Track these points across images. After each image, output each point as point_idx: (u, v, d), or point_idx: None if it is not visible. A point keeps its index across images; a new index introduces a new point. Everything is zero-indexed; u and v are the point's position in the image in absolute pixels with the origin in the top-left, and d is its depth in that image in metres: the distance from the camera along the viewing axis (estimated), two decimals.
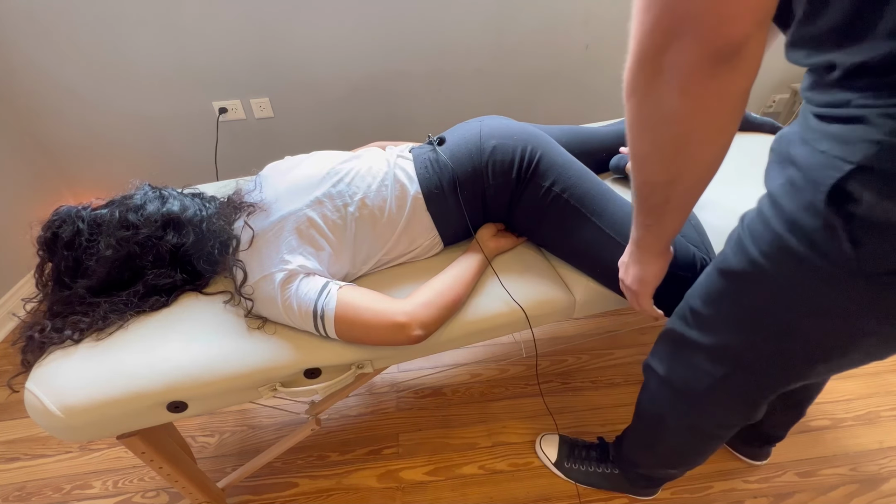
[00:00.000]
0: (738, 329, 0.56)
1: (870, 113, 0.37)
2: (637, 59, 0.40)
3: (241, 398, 0.77)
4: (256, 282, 0.74)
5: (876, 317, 0.45)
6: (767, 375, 0.58)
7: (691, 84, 0.39)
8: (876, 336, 0.47)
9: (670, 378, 0.70)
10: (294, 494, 1.07)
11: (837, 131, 0.40)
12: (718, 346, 0.60)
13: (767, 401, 0.64)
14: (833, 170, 0.39)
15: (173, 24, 1.49)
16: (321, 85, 1.69)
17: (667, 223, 0.54)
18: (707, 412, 0.69)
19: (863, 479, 1.03)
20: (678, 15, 0.36)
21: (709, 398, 0.66)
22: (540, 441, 1.10)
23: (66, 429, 0.69)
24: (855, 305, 0.45)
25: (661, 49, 0.38)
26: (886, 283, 0.41)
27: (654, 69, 0.40)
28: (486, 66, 1.74)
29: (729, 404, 0.66)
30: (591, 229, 0.81)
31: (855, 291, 0.43)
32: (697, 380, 0.64)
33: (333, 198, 0.79)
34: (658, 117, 0.43)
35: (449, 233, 0.89)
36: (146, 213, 0.75)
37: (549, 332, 1.41)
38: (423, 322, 0.73)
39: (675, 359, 0.68)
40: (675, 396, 0.71)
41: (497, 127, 0.86)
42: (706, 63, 0.37)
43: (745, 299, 0.54)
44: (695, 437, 0.76)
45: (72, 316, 0.75)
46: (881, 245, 0.40)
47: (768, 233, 0.48)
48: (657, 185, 0.50)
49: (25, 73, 1.53)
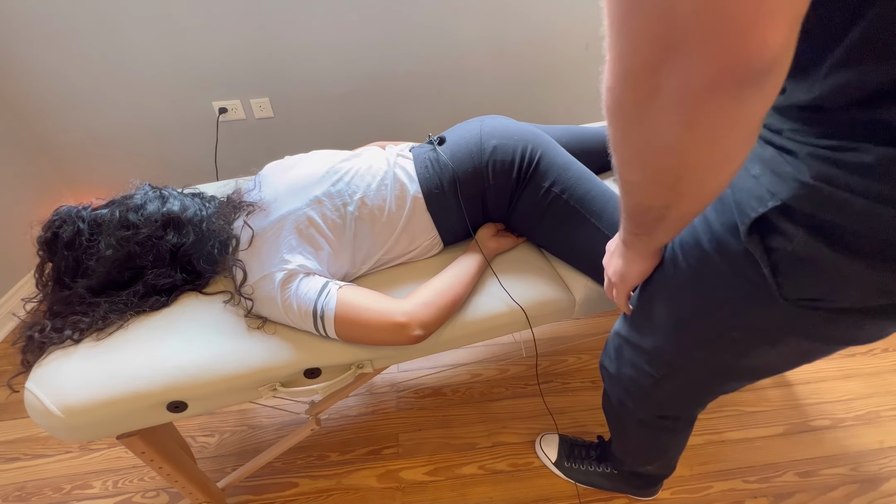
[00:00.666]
0: (672, 335, 0.58)
1: (800, 149, 0.36)
2: (620, 76, 0.30)
3: (241, 398, 0.77)
4: (256, 281, 0.74)
5: (795, 334, 0.46)
6: (701, 379, 0.61)
7: (699, 113, 0.28)
8: (797, 348, 0.49)
9: (620, 377, 0.73)
10: (294, 494, 1.07)
11: (770, 157, 0.39)
12: (655, 349, 0.62)
13: (708, 400, 0.67)
14: (758, 202, 0.39)
15: (173, 25, 1.49)
16: (321, 85, 1.68)
17: (658, 236, 0.47)
18: (651, 408, 0.72)
19: (863, 479, 1.03)
20: (667, 37, 0.26)
21: (650, 395, 0.68)
22: (540, 441, 1.10)
23: (66, 429, 0.69)
24: (775, 324, 0.46)
25: (654, 67, 0.28)
26: (805, 306, 0.42)
27: (647, 90, 0.29)
28: (486, 65, 1.74)
29: (671, 401, 0.69)
30: (591, 230, 0.81)
31: (774, 312, 0.44)
32: (641, 378, 0.67)
33: (333, 197, 0.79)
34: (652, 148, 0.33)
35: (449, 233, 0.89)
36: (146, 212, 0.75)
37: (549, 332, 1.41)
38: (423, 322, 0.73)
39: (621, 358, 0.71)
40: (624, 393, 0.74)
41: (497, 127, 0.86)
42: (724, 86, 0.26)
43: (676, 307, 0.55)
44: (647, 430, 0.78)
45: (72, 316, 0.75)
46: (800, 276, 0.40)
47: (696, 248, 0.48)
48: (651, 209, 0.41)
49: (25, 74, 1.53)
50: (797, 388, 1.21)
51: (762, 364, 0.54)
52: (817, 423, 1.13)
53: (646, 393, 0.68)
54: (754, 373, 0.58)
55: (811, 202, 0.35)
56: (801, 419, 1.14)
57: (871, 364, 1.25)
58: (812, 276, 0.39)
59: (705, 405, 0.71)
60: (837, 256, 0.36)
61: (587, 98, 1.89)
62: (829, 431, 1.12)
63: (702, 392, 0.65)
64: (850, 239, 0.35)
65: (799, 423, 1.13)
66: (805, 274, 0.39)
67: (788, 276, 0.40)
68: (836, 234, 0.35)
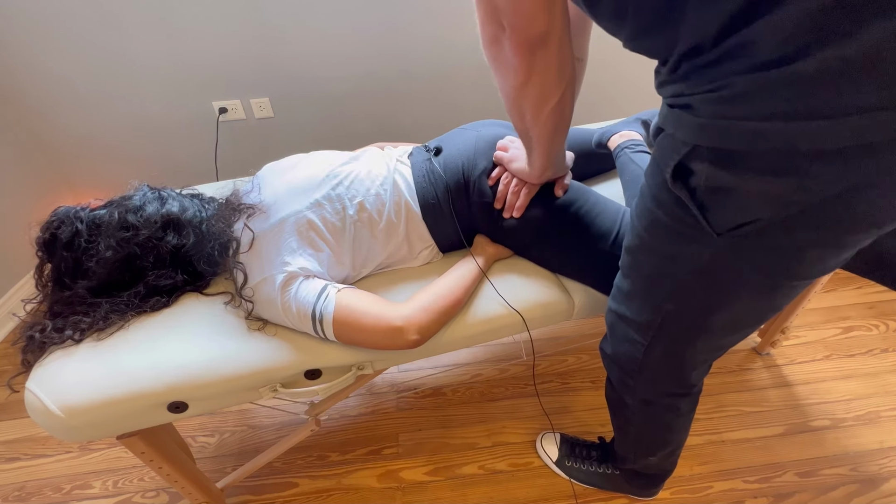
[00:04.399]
0: (646, 297, 0.64)
1: (693, 101, 0.45)
2: (484, 38, 0.55)
3: (241, 399, 0.77)
4: (257, 284, 0.74)
5: (738, 267, 0.52)
6: (682, 336, 0.64)
7: (518, 64, 0.53)
8: (746, 286, 0.54)
9: (616, 355, 0.75)
10: (294, 494, 1.07)
11: (675, 117, 0.48)
12: (638, 314, 0.66)
13: (699, 363, 0.69)
14: (675, 151, 0.48)
15: (173, 25, 1.49)
16: (321, 85, 1.68)
17: (535, 156, 0.72)
18: (649, 379, 0.74)
19: (863, 479, 1.03)
20: (498, 18, 0.51)
21: (645, 365, 0.71)
22: (541, 440, 1.10)
23: (66, 429, 0.69)
24: (719, 260, 0.52)
25: (495, 36, 0.53)
26: (735, 236, 0.48)
27: (496, 47, 0.54)
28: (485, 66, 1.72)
29: (665, 369, 0.71)
30: (580, 248, 0.82)
31: (714, 248, 0.51)
32: (634, 350, 0.70)
33: (332, 200, 0.79)
34: (506, 87, 0.59)
35: (445, 242, 0.90)
36: (145, 214, 0.75)
37: (549, 333, 1.41)
38: (421, 327, 0.73)
39: (615, 336, 0.74)
40: (623, 373, 0.76)
41: (492, 142, 0.87)
42: (525, 46, 0.51)
43: (643, 269, 0.62)
44: (650, 412, 0.79)
45: (72, 316, 0.74)
46: (721, 206, 0.47)
47: (645, 210, 0.57)
48: (521, 132, 0.68)
49: (25, 73, 1.53)
50: (797, 388, 1.21)
51: (729, 314, 0.58)
52: (817, 423, 1.13)
53: (640, 364, 0.71)
54: (729, 325, 0.61)
55: (711, 138, 0.44)
56: (801, 419, 1.14)
57: (871, 364, 1.25)
58: (729, 204, 0.47)
59: (701, 372, 0.72)
60: (741, 178, 0.44)
61: (586, 98, 1.88)
62: (829, 431, 1.12)
63: (690, 352, 0.67)
64: (748, 160, 0.43)
65: (799, 423, 1.13)
66: (723, 203, 0.47)
67: (712, 209, 0.48)
68: (735, 159, 0.43)
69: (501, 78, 0.58)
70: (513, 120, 0.65)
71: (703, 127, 0.44)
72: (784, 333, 1.24)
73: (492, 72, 0.58)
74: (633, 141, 0.99)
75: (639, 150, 0.97)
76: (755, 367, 1.27)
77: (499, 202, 0.83)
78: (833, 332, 1.34)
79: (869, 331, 1.34)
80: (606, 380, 0.84)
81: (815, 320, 1.37)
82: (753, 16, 0.37)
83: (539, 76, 0.54)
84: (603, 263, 0.80)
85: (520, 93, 0.58)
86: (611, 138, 1.03)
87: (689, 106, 0.45)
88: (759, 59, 0.38)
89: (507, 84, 0.58)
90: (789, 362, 1.27)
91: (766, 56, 0.38)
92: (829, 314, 1.39)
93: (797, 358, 1.28)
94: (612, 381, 0.82)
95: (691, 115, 0.45)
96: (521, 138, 0.70)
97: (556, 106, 0.60)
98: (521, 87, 0.56)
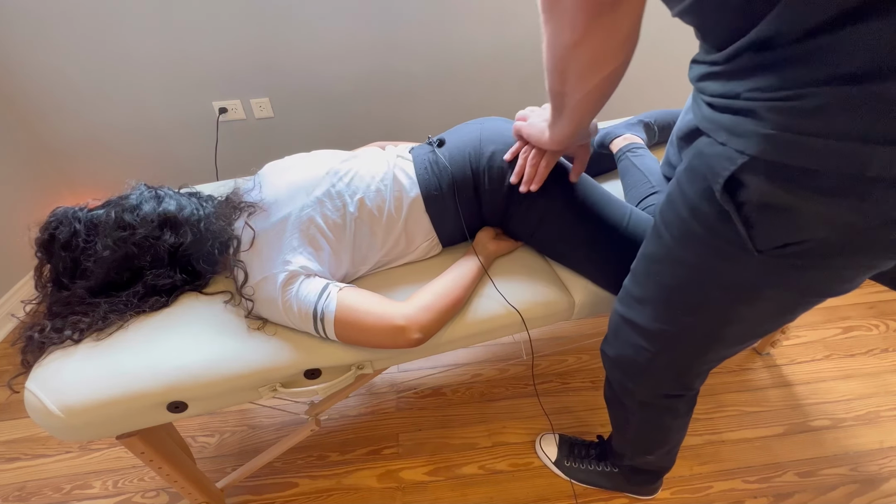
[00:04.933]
0: (663, 307, 0.62)
1: (757, 107, 0.40)
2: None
3: (241, 398, 0.77)
4: (257, 283, 0.74)
5: (771, 286, 0.51)
6: (693, 348, 0.64)
7: (580, 16, 0.45)
8: (772, 301, 0.53)
9: (619, 359, 0.74)
10: (294, 494, 1.07)
11: (730, 123, 0.43)
12: (649, 322, 0.65)
13: (703, 370, 0.69)
14: (729, 161, 0.44)
15: (173, 24, 1.49)
16: (321, 85, 1.68)
17: (563, 122, 0.65)
18: (650, 384, 0.73)
19: (863, 479, 1.03)
20: None
21: (649, 371, 0.70)
22: (540, 440, 1.10)
23: (66, 429, 0.69)
24: (751, 279, 0.51)
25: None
26: (777, 256, 0.47)
27: (553, 5, 0.47)
28: (486, 65, 1.74)
29: (669, 376, 0.71)
30: (587, 237, 0.82)
31: (750, 266, 0.49)
32: (638, 355, 0.69)
33: (333, 198, 0.79)
34: (554, 43, 0.51)
35: (447, 235, 0.89)
36: (142, 213, 0.75)
37: (549, 332, 1.41)
38: (422, 326, 0.73)
39: (619, 339, 0.73)
40: (624, 376, 0.76)
41: (497, 132, 0.86)
42: (590, 8, 0.44)
43: (664, 279, 0.60)
44: (648, 413, 0.79)
45: (71, 316, 0.74)
46: (770, 225, 0.45)
47: (677, 219, 0.54)
48: (555, 93, 0.60)
49: (25, 73, 1.53)
50: (797, 388, 1.21)
51: (747, 326, 0.58)
52: (817, 423, 1.13)
53: (643, 370, 0.70)
54: (742, 336, 0.61)
55: (775, 151, 0.40)
56: (801, 419, 1.14)
57: (871, 364, 1.25)
58: (779, 223, 0.44)
59: (702, 377, 0.72)
60: (797, 197, 0.41)
61: None
62: (829, 431, 1.12)
63: (697, 362, 0.66)
64: (811, 179, 0.39)
65: (799, 423, 1.13)
66: (772, 221, 0.45)
67: (759, 226, 0.46)
68: (798, 178, 0.40)
69: (552, 31, 0.50)
70: (550, 78, 0.57)
71: (768, 138, 0.40)
72: (784, 333, 1.24)
73: (542, 20, 0.50)
74: (634, 144, 1.00)
75: (640, 154, 0.97)
76: (755, 367, 1.27)
77: (517, 176, 0.79)
78: (833, 331, 1.34)
79: (869, 331, 1.34)
80: (605, 380, 0.84)
81: (816, 320, 1.37)
82: (851, 20, 0.33)
83: (599, 39, 0.47)
84: (608, 254, 0.81)
85: (570, 52, 0.50)
86: (613, 141, 1.04)
87: (751, 112, 0.41)
88: (841, 71, 0.35)
89: (557, 39, 0.50)
90: (789, 362, 1.27)
91: (851, 69, 0.34)
92: (830, 314, 1.39)
93: (797, 358, 1.28)
94: (612, 383, 0.82)
95: (753, 124, 0.40)
96: (552, 99, 0.62)
97: (609, 77, 0.52)
98: (573, 47, 0.49)
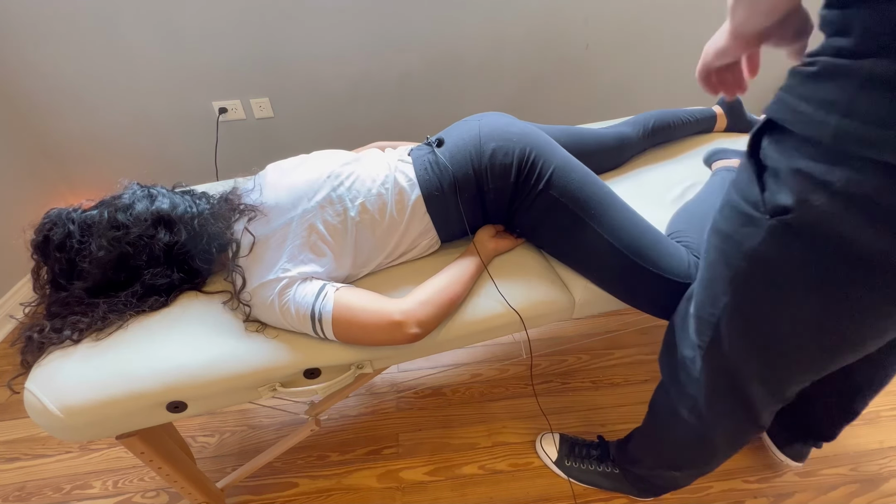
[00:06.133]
0: (741, 329, 0.57)
1: None
2: None
3: (240, 398, 0.77)
4: (255, 288, 0.74)
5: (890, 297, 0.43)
6: (775, 368, 0.58)
7: None
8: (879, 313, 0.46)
9: (682, 359, 0.69)
10: (294, 494, 1.07)
11: None
12: (720, 345, 0.60)
13: (776, 402, 0.63)
14: None
15: (173, 24, 1.49)
16: (321, 85, 1.68)
17: (738, 12, 0.51)
18: (711, 415, 0.68)
19: (863, 479, 1.03)
20: None
21: (705, 381, 0.65)
22: (540, 440, 1.10)
23: (66, 429, 0.69)
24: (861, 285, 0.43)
25: None
26: None
27: None
28: (486, 65, 1.74)
29: (723, 390, 0.65)
30: (591, 235, 0.81)
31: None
32: (696, 360, 0.64)
33: (334, 202, 0.79)
34: None
35: (447, 232, 0.89)
36: (135, 212, 0.75)
37: (549, 332, 1.41)
38: (420, 320, 0.73)
39: (683, 336, 0.68)
40: (687, 378, 0.70)
41: (496, 128, 0.86)
42: None
43: (746, 295, 0.54)
44: (704, 431, 0.73)
45: (70, 316, 0.74)
46: None
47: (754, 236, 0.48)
48: None
49: (25, 73, 1.53)
50: None
51: (834, 336, 0.50)
52: None
53: (706, 395, 0.66)
54: (824, 350, 0.53)
55: None
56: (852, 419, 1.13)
57: None
58: None
59: (768, 416, 0.65)
60: None
61: (587, 98, 1.89)
62: None
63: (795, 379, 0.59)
64: None
65: None
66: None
67: None
68: None
69: None
70: None
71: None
72: None
73: None
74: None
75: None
76: None
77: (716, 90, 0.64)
78: None
79: None
80: (660, 385, 0.80)
81: None
82: None
83: None
84: (609, 255, 0.80)
85: None
86: (720, 161, 1.06)
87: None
88: None
89: None
90: None
91: None
92: None
93: None
94: (670, 391, 0.76)
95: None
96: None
97: None
98: None
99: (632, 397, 1.21)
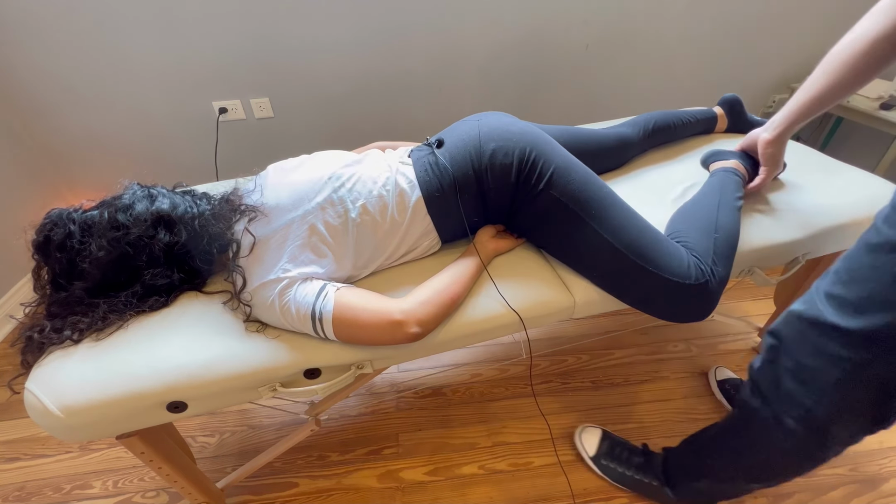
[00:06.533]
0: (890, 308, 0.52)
1: None
2: None
3: (240, 398, 0.77)
4: (255, 289, 0.74)
5: None
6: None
7: None
8: None
9: (797, 368, 0.63)
10: (294, 494, 1.07)
11: None
12: (861, 329, 0.55)
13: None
14: None
15: (173, 24, 1.49)
16: (321, 85, 1.69)
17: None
18: (833, 409, 0.62)
19: (863, 479, 1.03)
20: None
21: (839, 391, 0.60)
22: (581, 432, 1.10)
23: (66, 429, 0.69)
24: None
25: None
26: None
27: None
28: (486, 65, 1.74)
29: (860, 400, 0.60)
30: (591, 234, 0.81)
31: None
32: (828, 370, 0.59)
33: (335, 203, 0.79)
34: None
35: (448, 233, 0.89)
36: (135, 212, 0.75)
37: (549, 332, 1.41)
38: (420, 319, 0.73)
39: (803, 345, 0.62)
40: (800, 387, 0.63)
41: (496, 127, 0.86)
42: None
43: None
44: (812, 439, 0.66)
45: (71, 316, 0.74)
46: None
47: None
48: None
49: (25, 73, 1.53)
50: None
51: None
52: None
53: (829, 388, 0.60)
54: None
55: None
56: None
57: None
58: None
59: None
60: None
61: (587, 98, 1.89)
62: None
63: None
64: None
65: None
66: None
67: None
68: None
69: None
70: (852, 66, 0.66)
71: None
72: None
73: None
74: (735, 171, 0.99)
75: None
76: None
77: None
78: None
79: None
80: (750, 391, 0.72)
81: None
82: None
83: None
84: (610, 255, 0.80)
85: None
86: (717, 162, 1.05)
87: None
88: None
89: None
90: None
91: None
92: None
93: None
94: (766, 396, 0.68)
95: None
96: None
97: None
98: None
99: (632, 397, 1.22)
